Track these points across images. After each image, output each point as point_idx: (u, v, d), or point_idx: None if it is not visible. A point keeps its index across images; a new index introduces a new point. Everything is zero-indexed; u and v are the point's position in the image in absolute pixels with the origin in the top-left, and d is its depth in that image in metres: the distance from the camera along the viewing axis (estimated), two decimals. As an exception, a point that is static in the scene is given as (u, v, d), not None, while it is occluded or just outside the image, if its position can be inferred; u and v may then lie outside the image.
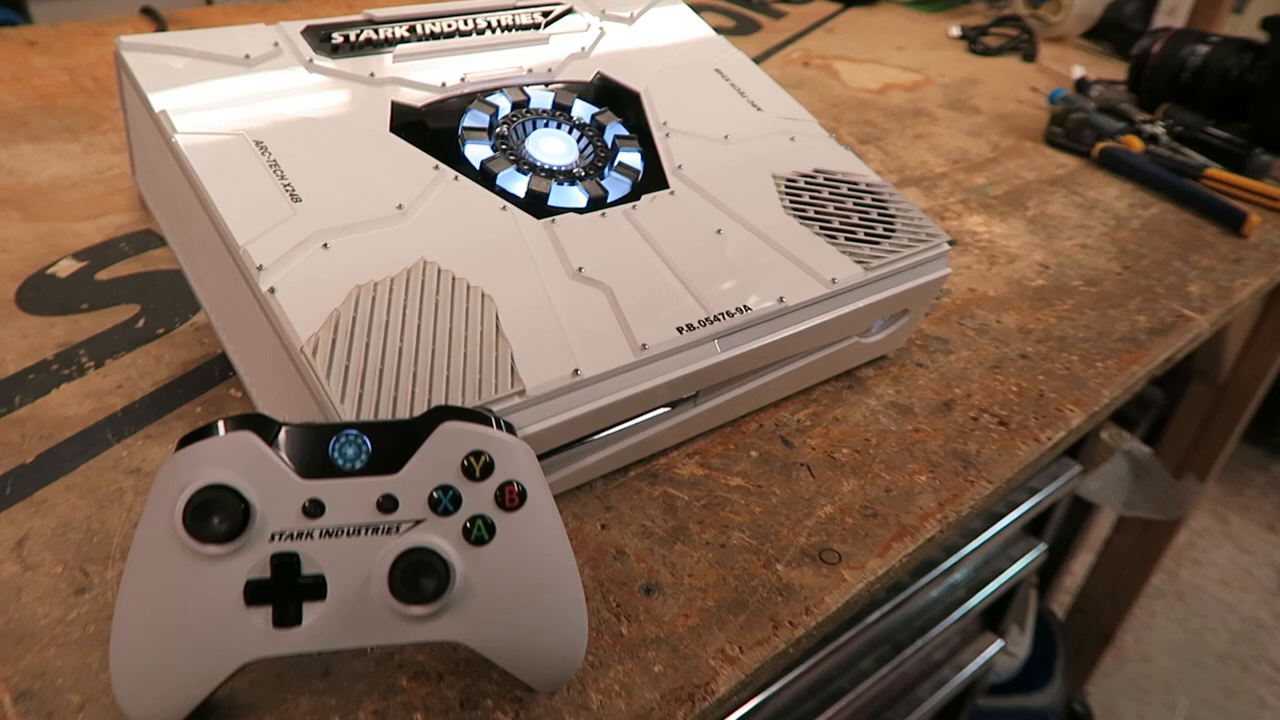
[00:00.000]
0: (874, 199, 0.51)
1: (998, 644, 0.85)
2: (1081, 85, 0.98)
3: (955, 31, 1.14)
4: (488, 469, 0.31)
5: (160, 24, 0.89)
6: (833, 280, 0.45)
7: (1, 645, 0.34)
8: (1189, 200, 0.77)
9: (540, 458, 0.38)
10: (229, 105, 0.43)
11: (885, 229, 0.49)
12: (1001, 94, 0.97)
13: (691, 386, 0.42)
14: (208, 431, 0.30)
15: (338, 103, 0.45)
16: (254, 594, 0.29)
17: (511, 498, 0.31)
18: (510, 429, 0.32)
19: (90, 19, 0.90)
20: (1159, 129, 0.86)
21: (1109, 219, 0.74)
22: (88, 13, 1.44)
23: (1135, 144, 0.83)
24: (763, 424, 0.49)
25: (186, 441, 0.29)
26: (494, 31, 0.52)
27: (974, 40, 1.11)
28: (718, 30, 0.60)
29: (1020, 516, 0.74)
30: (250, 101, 0.43)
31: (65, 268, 0.55)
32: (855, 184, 0.51)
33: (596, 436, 0.41)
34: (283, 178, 0.40)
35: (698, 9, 1.01)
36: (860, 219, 0.49)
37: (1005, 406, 0.52)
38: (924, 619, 0.73)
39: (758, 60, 0.98)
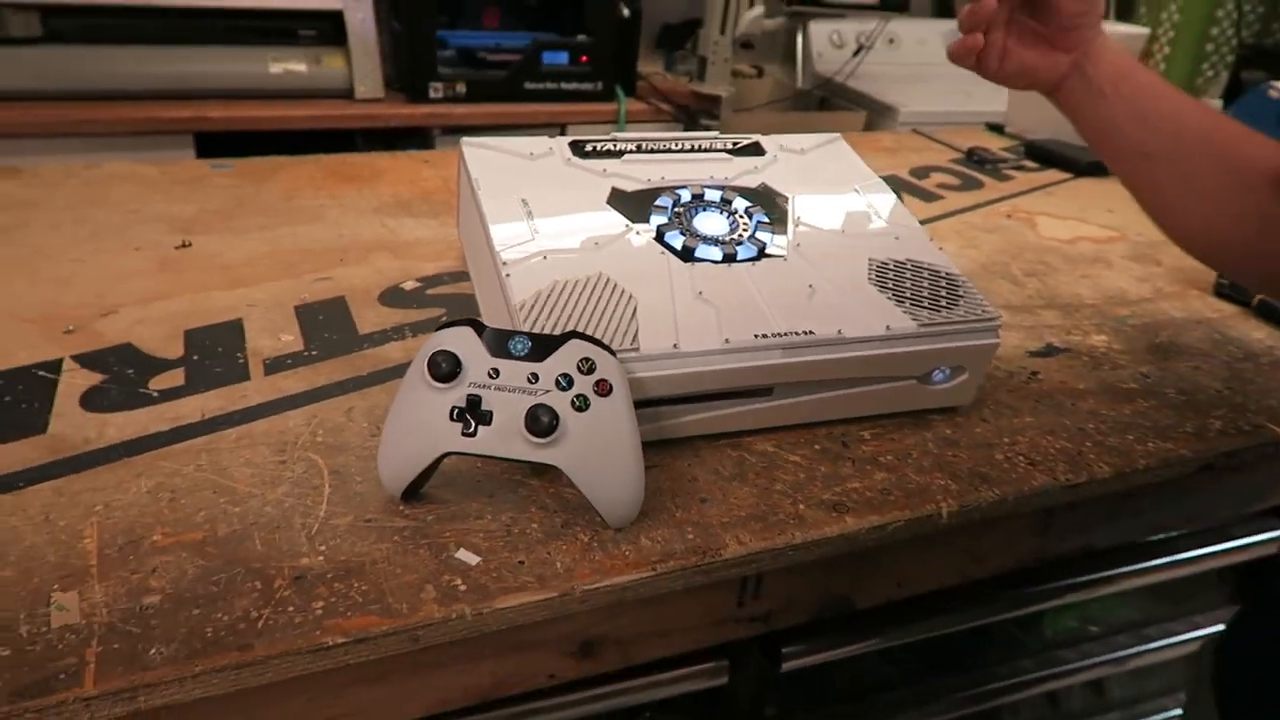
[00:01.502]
0: (948, 283, 0.68)
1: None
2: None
3: (1176, 202, 1.23)
4: (592, 369, 0.52)
5: (509, 154, 1.23)
6: (887, 327, 0.63)
7: (329, 452, 0.60)
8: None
9: (649, 404, 0.59)
10: (512, 177, 0.70)
11: (948, 302, 0.66)
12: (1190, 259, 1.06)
13: (762, 379, 0.61)
14: (449, 325, 0.54)
15: (577, 182, 0.71)
16: (455, 414, 0.52)
17: (603, 388, 0.52)
18: (613, 353, 0.54)
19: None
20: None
21: (1239, 352, 0.82)
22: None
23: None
24: (832, 431, 0.66)
25: (439, 329, 0.54)
26: (695, 151, 0.76)
27: (1191, 210, 1.19)
28: (940, 186, 0.80)
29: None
30: (525, 177, 0.70)
31: (409, 285, 0.85)
32: (936, 271, 0.68)
33: (692, 403, 0.61)
34: (531, 218, 0.66)
35: (930, 169, 1.24)
36: (929, 293, 0.66)
37: (1041, 454, 0.65)
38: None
39: (965, 210, 1.15)
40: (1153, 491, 0.68)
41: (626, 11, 2.22)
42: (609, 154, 0.74)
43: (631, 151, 0.75)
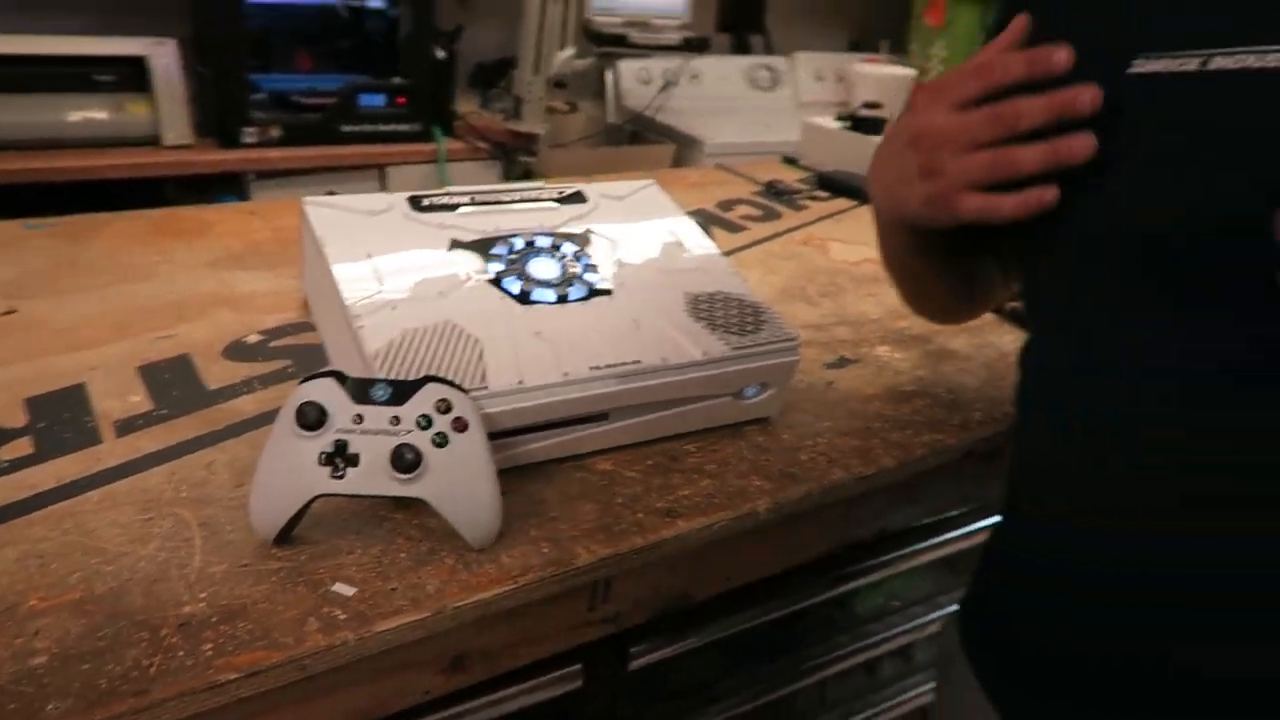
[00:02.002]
0: (753, 310, 0.78)
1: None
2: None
3: (944, 224, 1.40)
4: (449, 408, 0.59)
5: (337, 202, 1.27)
6: (704, 352, 0.72)
7: (195, 506, 0.63)
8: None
9: (500, 435, 0.65)
10: (357, 234, 0.75)
11: (754, 327, 0.76)
12: (961, 270, 1.22)
13: (599, 406, 0.69)
14: (313, 377, 0.59)
15: (417, 235, 0.77)
16: (324, 459, 0.57)
17: (460, 425, 0.59)
18: (466, 393, 0.60)
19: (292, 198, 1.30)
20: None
21: (993, 353, 0.97)
22: (290, 195, 1.88)
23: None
24: (662, 447, 0.74)
25: (303, 381, 0.59)
26: (525, 202, 0.84)
27: (957, 231, 1.37)
28: (744, 217, 0.90)
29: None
30: (367, 232, 0.75)
31: (253, 339, 0.87)
32: (742, 300, 0.79)
33: (538, 432, 0.68)
34: (377, 271, 0.71)
35: (735, 202, 1.35)
36: (737, 320, 0.76)
37: (838, 452, 0.76)
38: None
39: (766, 239, 1.27)
40: (930, 477, 0.81)
41: (442, 53, 2.27)
42: (445, 207, 0.80)
43: (466, 204, 0.81)
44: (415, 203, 0.80)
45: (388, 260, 0.73)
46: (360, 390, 0.59)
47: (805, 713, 1.05)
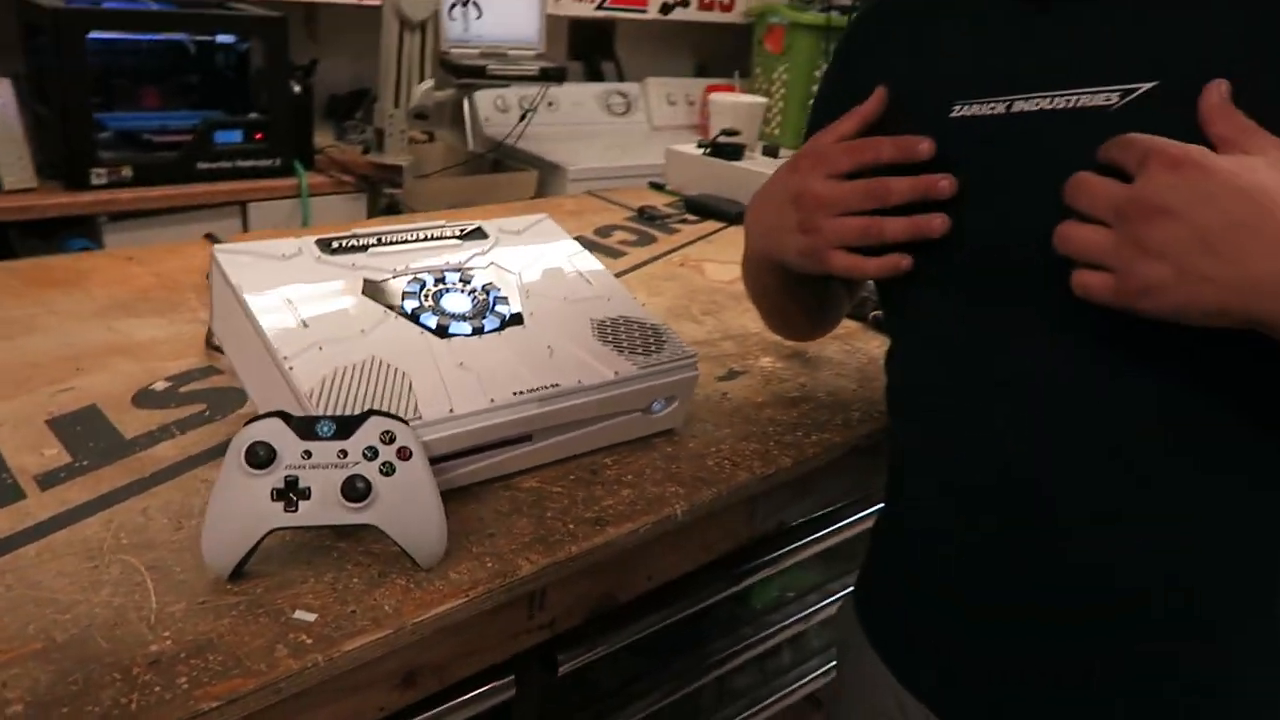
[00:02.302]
0: (653, 331, 0.84)
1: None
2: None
3: (805, 241, 1.52)
4: (393, 439, 0.63)
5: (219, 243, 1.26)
6: (615, 373, 0.78)
7: (139, 551, 0.64)
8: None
9: (434, 461, 0.69)
10: (272, 279, 0.77)
11: (656, 347, 0.83)
12: (825, 283, 1.33)
13: (524, 428, 0.74)
14: (258, 419, 0.62)
15: (332, 276, 0.80)
16: (275, 495, 0.60)
17: (404, 454, 0.63)
18: (407, 423, 0.64)
19: (161, 243, 1.28)
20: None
21: (864, 358, 1.08)
22: (151, 240, 1.84)
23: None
24: (581, 463, 0.80)
25: (248, 424, 0.62)
26: (429, 240, 0.88)
27: (817, 247, 1.49)
28: (622, 243, 0.96)
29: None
30: (282, 276, 0.78)
31: (160, 386, 0.88)
32: (643, 323, 0.85)
33: (469, 456, 0.73)
34: (299, 314, 0.74)
35: (611, 228, 1.42)
36: (641, 341, 0.83)
37: (741, 456, 0.83)
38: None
39: (645, 263, 1.35)
40: (821, 473, 0.89)
41: (299, 87, 2.25)
42: (355, 249, 0.84)
43: (374, 245, 0.85)
44: (324, 245, 0.83)
45: (307, 303, 0.76)
46: (306, 427, 0.62)
47: (712, 705, 1.12)
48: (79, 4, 1.96)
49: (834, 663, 1.18)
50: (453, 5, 2.39)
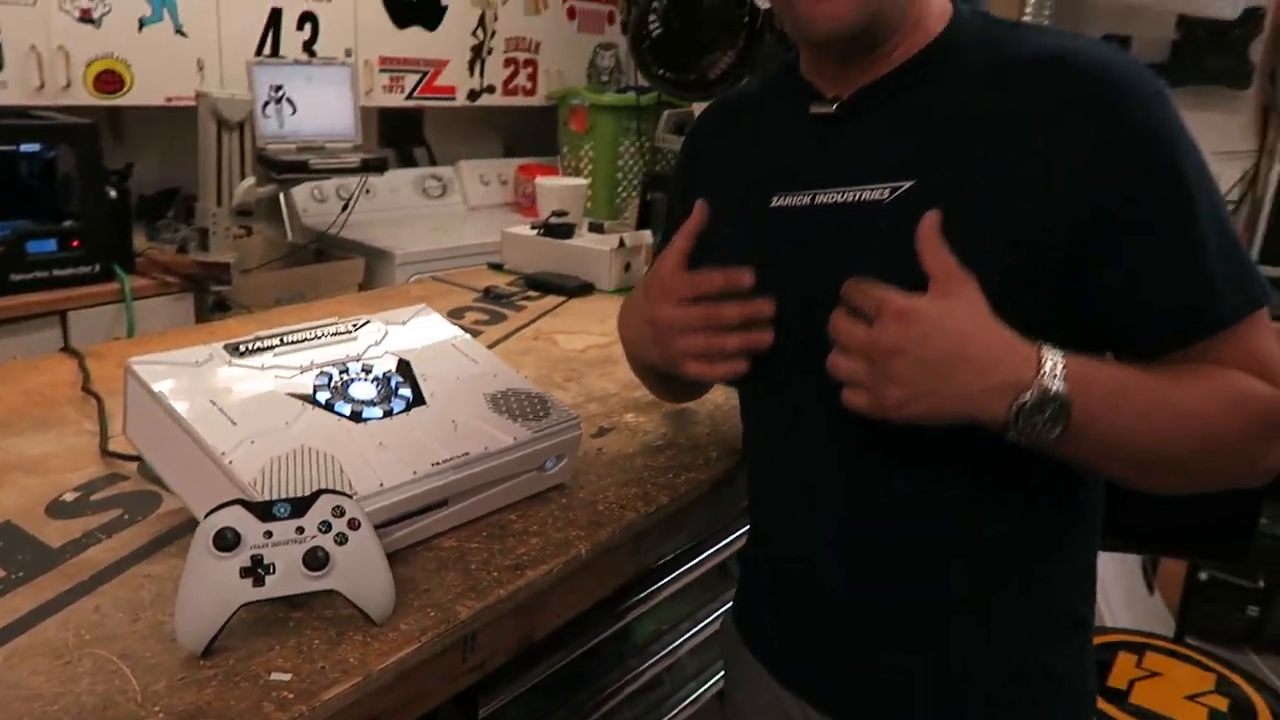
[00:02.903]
0: (539, 400, 0.97)
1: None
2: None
3: (640, 308, 1.69)
4: (343, 512, 0.72)
5: (80, 358, 1.28)
6: (513, 439, 0.90)
7: (105, 643, 0.70)
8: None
9: (376, 528, 0.78)
10: (193, 385, 0.84)
11: (544, 413, 0.95)
12: (664, 344, 1.50)
13: (442, 494, 0.84)
14: (219, 508, 0.69)
15: (246, 377, 0.87)
16: (243, 573, 0.68)
17: (354, 525, 0.72)
18: (352, 497, 0.73)
19: (20, 355, 1.29)
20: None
21: (711, 404, 1.24)
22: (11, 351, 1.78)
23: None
24: (491, 520, 0.91)
25: (209, 514, 0.69)
26: (327, 337, 0.97)
27: (651, 312, 1.65)
28: (476, 323, 1.07)
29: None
30: (200, 381, 0.85)
31: (70, 496, 0.91)
32: (529, 393, 0.97)
33: (396, 524, 0.82)
34: (225, 413, 0.82)
35: (463, 310, 1.53)
36: (530, 409, 0.95)
37: (625, 500, 0.97)
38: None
39: (502, 339, 1.47)
40: (693, 506, 1.04)
41: (114, 192, 2.23)
42: (261, 350, 0.91)
43: (278, 345, 0.93)
44: (233, 349, 0.91)
45: (230, 403, 0.84)
46: (265, 511, 0.70)
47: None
48: None
49: (709, 685, 1.32)
50: (266, 103, 2.43)
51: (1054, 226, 0.71)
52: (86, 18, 2.27)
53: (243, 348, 0.91)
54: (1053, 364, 0.66)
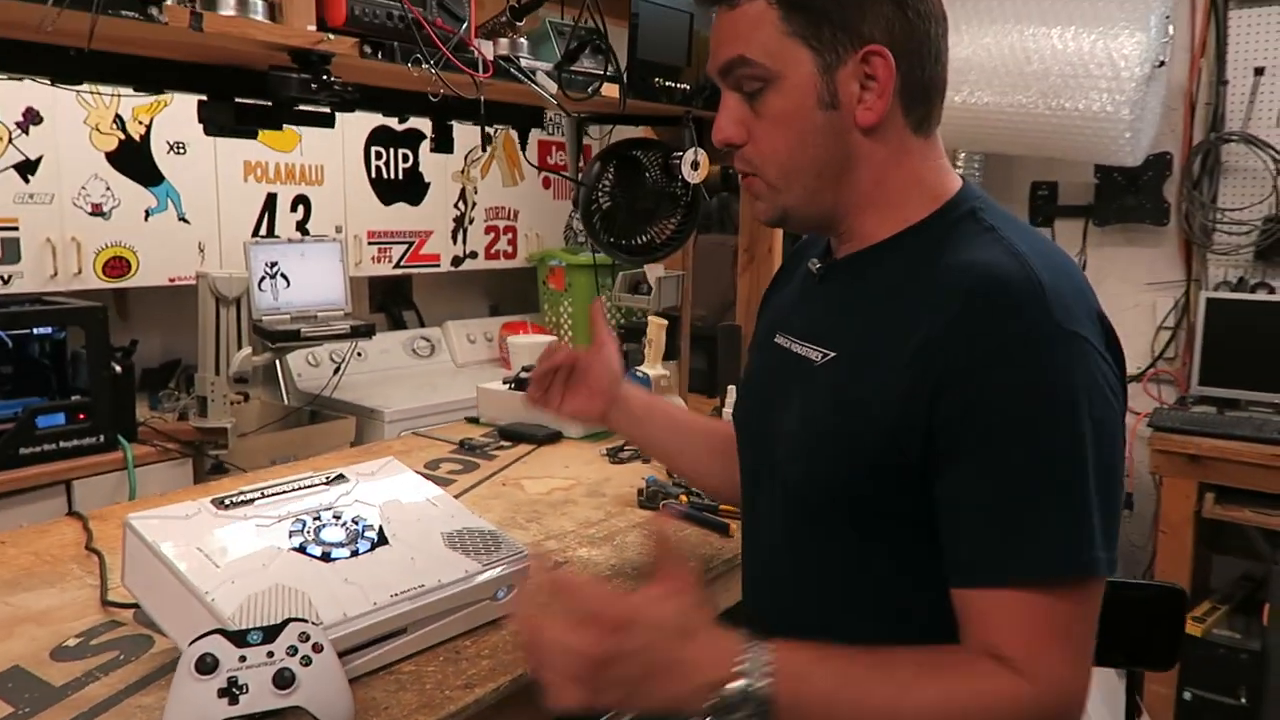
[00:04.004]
0: (491, 536, 1.09)
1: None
2: (669, 473, 1.65)
3: (603, 451, 1.82)
4: (308, 638, 0.83)
5: (84, 521, 1.40)
6: (465, 571, 1.02)
7: (98, 764, 0.80)
8: (697, 520, 1.40)
9: (341, 654, 0.89)
10: (182, 535, 0.97)
11: (495, 548, 1.07)
12: (623, 485, 1.62)
13: (401, 623, 0.96)
14: (200, 637, 0.81)
15: (230, 526, 1.00)
16: (219, 693, 0.79)
17: (318, 649, 0.83)
18: (318, 624, 0.85)
19: (26, 522, 1.41)
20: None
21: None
22: (18, 519, 1.88)
23: (684, 500, 1.47)
24: (447, 646, 1.01)
25: (193, 642, 0.80)
26: (302, 489, 1.10)
27: (613, 455, 1.79)
28: (451, 472, 1.20)
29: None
30: (190, 531, 0.98)
31: (73, 641, 1.02)
32: (482, 530, 1.10)
33: (359, 650, 0.93)
34: (210, 558, 0.94)
35: (439, 461, 1.65)
36: (483, 545, 1.07)
37: (570, 624, 1.07)
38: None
39: (473, 486, 1.60)
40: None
41: (118, 367, 2.40)
42: (244, 503, 1.04)
43: (259, 498, 1.06)
44: (219, 503, 1.04)
45: (214, 549, 0.96)
46: (240, 638, 0.81)
47: None
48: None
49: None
50: (262, 279, 2.64)
51: (901, 434, 0.78)
52: (98, 211, 2.50)
53: (227, 501, 1.04)
54: (754, 663, 0.71)
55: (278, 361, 3.05)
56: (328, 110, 1.25)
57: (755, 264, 2.05)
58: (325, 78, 1.11)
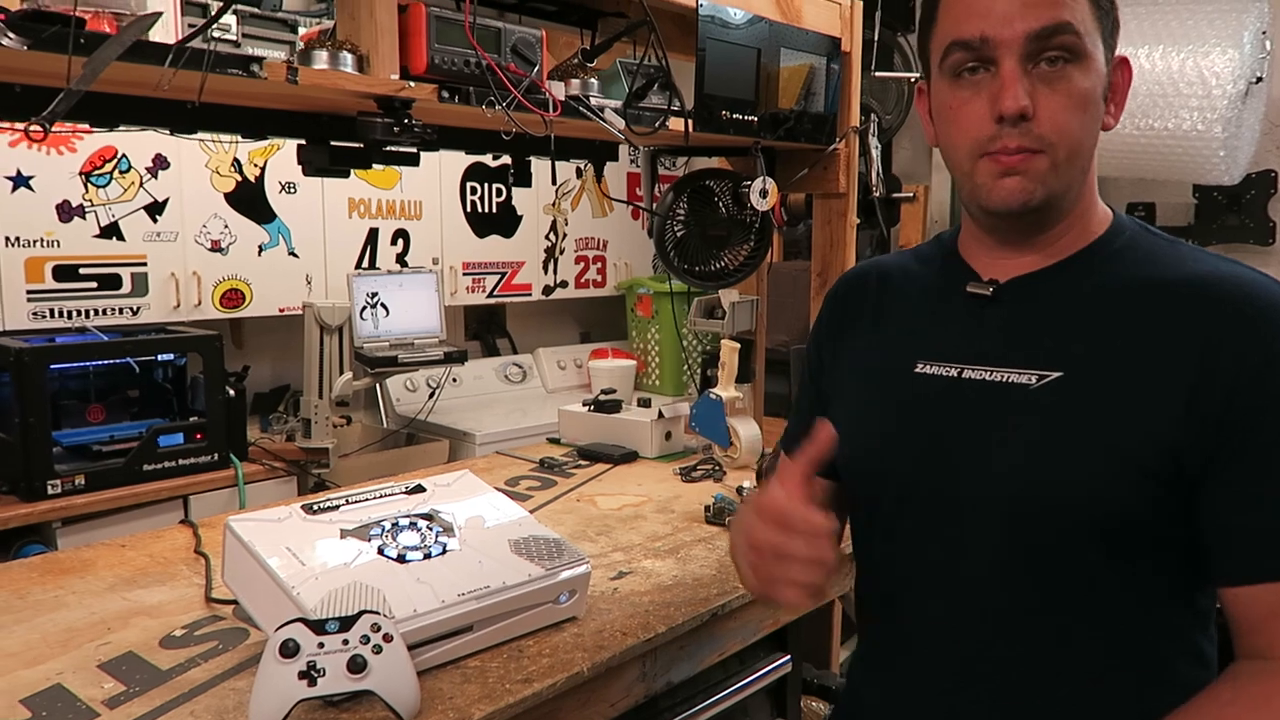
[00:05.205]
0: (555, 544, 1.16)
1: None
2: (739, 490, 1.70)
3: (676, 470, 1.87)
4: (379, 628, 0.91)
5: (194, 528, 1.53)
6: (529, 575, 1.09)
7: (195, 736, 0.89)
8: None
9: (409, 648, 0.97)
10: (275, 536, 1.07)
11: (557, 555, 1.14)
12: (693, 502, 1.67)
13: (467, 621, 1.03)
14: (285, 624, 0.90)
15: (317, 529, 1.10)
16: (300, 675, 0.87)
17: (388, 639, 0.91)
18: (389, 617, 0.93)
19: (112, 538, 1.55)
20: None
21: (721, 550, 1.40)
22: (101, 537, 2.04)
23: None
24: (509, 646, 1.08)
25: (278, 629, 0.89)
26: (384, 497, 1.19)
27: (686, 475, 1.84)
28: (529, 488, 1.28)
29: None
30: (280, 533, 1.07)
31: (179, 631, 1.13)
32: (546, 538, 1.17)
33: (427, 645, 1.01)
34: (297, 556, 1.04)
35: (519, 478, 1.74)
36: (545, 551, 1.14)
37: (629, 628, 1.13)
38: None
39: (549, 501, 1.67)
40: (692, 636, 1.19)
41: (232, 391, 2.58)
42: (330, 509, 1.14)
43: (344, 505, 1.15)
44: (308, 509, 1.13)
45: (302, 549, 1.05)
46: (319, 626, 0.90)
47: None
48: (36, 342, 2.27)
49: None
50: (363, 308, 2.79)
51: (1180, 441, 0.77)
52: (216, 247, 2.70)
53: (316, 506, 1.14)
54: None
55: (377, 386, 3.21)
56: (413, 150, 1.35)
57: (827, 289, 2.08)
58: (407, 121, 1.22)
